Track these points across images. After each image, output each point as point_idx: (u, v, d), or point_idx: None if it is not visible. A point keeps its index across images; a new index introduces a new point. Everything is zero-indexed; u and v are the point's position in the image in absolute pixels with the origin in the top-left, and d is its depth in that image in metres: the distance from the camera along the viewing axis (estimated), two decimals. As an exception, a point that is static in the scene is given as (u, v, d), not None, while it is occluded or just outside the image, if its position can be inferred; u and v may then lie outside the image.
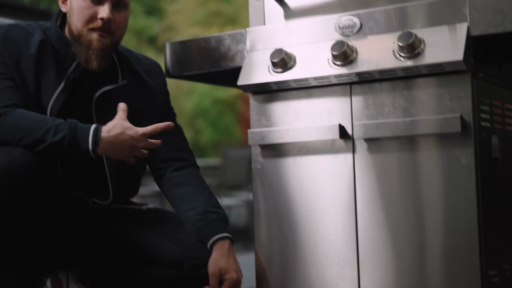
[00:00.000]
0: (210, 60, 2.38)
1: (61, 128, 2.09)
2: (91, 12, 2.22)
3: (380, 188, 2.04)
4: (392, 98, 2.01)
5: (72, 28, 2.25)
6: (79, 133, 2.10)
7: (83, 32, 2.23)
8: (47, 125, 2.09)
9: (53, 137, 2.08)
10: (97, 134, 2.10)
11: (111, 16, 2.22)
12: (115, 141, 2.11)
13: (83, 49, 2.23)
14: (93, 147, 2.09)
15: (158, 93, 2.46)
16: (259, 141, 2.21)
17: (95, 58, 2.24)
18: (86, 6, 2.22)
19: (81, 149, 2.09)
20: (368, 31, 2.06)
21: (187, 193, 2.35)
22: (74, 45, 2.25)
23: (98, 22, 2.22)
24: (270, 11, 2.29)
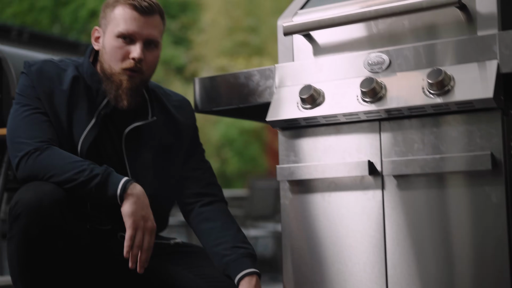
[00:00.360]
0: (239, 96, 2.39)
1: (95, 170, 2.12)
2: (123, 52, 2.26)
3: (409, 225, 2.03)
4: (422, 135, 2.01)
5: (105, 66, 2.29)
6: (112, 177, 2.12)
7: (115, 71, 2.26)
8: (82, 166, 2.12)
9: (85, 177, 2.10)
10: (129, 182, 2.13)
11: (142, 56, 2.25)
12: (139, 199, 2.12)
13: (114, 88, 2.27)
14: (121, 192, 2.11)
15: (187, 129, 2.47)
16: (287, 176, 2.21)
17: (125, 98, 2.27)
18: (119, 45, 2.26)
19: (108, 192, 2.11)
20: (397, 67, 2.06)
21: (215, 228, 2.36)
22: (105, 82, 2.28)
23: (130, 62, 2.25)
24: (299, 47, 2.30)
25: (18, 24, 19.77)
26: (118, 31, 2.25)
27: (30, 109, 2.24)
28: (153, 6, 2.29)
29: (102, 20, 2.34)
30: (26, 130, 2.20)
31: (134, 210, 2.11)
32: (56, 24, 23.70)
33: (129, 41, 2.26)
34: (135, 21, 2.25)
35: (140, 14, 2.26)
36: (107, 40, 2.28)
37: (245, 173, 19.62)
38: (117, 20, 2.26)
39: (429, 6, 2.00)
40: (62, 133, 2.25)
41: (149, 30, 2.27)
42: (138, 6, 2.25)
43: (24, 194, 2.07)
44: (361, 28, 2.20)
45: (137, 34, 2.26)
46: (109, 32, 2.28)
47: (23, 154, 2.15)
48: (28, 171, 2.14)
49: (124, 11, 2.26)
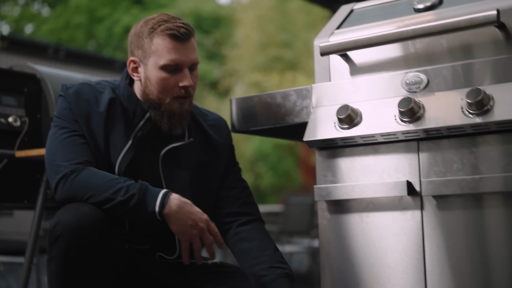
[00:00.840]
0: (276, 116, 2.39)
1: (131, 188, 2.13)
2: (171, 82, 2.28)
3: (449, 245, 2.00)
4: (461, 155, 1.99)
5: (151, 97, 2.30)
6: (149, 194, 2.13)
7: (164, 100, 2.29)
8: (118, 185, 2.13)
9: (123, 196, 2.11)
10: (166, 197, 2.13)
11: (192, 82, 2.28)
12: (180, 210, 2.14)
13: (165, 117, 2.29)
14: (159, 209, 2.12)
15: (224, 149, 2.49)
16: (325, 197, 2.20)
17: (179, 125, 2.31)
18: (166, 76, 2.28)
19: (147, 210, 2.12)
20: (435, 87, 2.05)
21: (252, 248, 2.35)
22: (154, 112, 2.31)
23: (181, 90, 2.28)
24: (336, 67, 2.30)
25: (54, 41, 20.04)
26: (163, 63, 2.26)
27: (67, 132, 2.27)
28: (189, 30, 2.30)
29: (138, 51, 2.33)
30: (64, 153, 2.23)
31: (180, 227, 2.14)
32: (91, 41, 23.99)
33: (175, 70, 2.27)
34: (178, 51, 2.26)
35: (181, 42, 2.27)
36: (151, 72, 2.29)
37: (279, 188, 19.62)
38: (159, 52, 2.27)
39: (467, 26, 1.98)
40: (99, 154, 2.27)
41: (191, 55, 2.29)
42: (179, 35, 2.26)
43: (63, 215, 2.09)
44: (398, 47, 2.19)
45: (183, 62, 2.28)
46: (152, 64, 2.29)
47: (61, 176, 2.18)
48: (66, 194, 2.16)
49: (164, 41, 2.27)
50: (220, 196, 2.46)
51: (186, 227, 2.14)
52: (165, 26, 2.27)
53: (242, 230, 2.40)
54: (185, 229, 2.14)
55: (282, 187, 19.49)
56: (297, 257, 8.83)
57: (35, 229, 3.21)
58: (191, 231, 2.14)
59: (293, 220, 8.25)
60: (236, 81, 21.04)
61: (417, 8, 2.23)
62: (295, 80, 18.51)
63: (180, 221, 2.13)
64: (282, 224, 8.34)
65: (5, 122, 3.23)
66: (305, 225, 8.23)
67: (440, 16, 2.13)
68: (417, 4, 2.24)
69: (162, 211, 2.12)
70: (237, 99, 2.53)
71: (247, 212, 2.45)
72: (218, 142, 2.48)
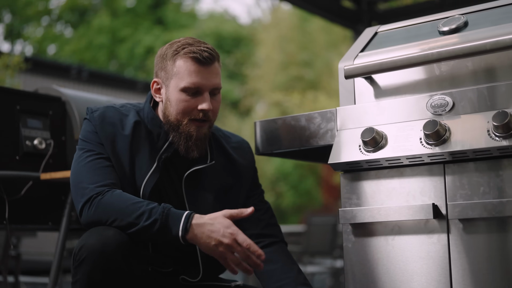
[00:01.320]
0: (300, 138, 2.39)
1: (154, 212, 2.12)
2: (190, 105, 2.29)
3: (475, 269, 1.99)
4: (488, 178, 1.98)
5: (170, 118, 2.32)
6: (171, 218, 2.12)
7: (182, 122, 2.30)
8: (141, 208, 2.13)
9: (145, 221, 2.11)
10: (189, 220, 2.12)
11: (211, 107, 2.28)
12: (202, 233, 2.11)
13: (183, 139, 2.30)
14: (183, 234, 2.11)
15: (247, 171, 2.49)
16: (350, 220, 2.19)
17: (195, 148, 2.31)
18: (185, 99, 2.29)
19: (171, 235, 2.11)
20: (461, 110, 2.04)
21: (276, 270, 2.36)
22: (172, 133, 2.32)
23: (200, 114, 2.29)
24: (360, 90, 2.30)
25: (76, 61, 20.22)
26: (184, 86, 2.28)
27: (92, 155, 2.28)
28: (213, 55, 2.31)
29: (161, 72, 2.35)
30: (88, 175, 2.24)
31: (207, 248, 2.11)
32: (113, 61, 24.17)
33: (195, 93, 2.29)
34: (200, 74, 2.28)
35: (203, 66, 2.28)
36: (172, 94, 2.31)
37: (300, 207, 19.58)
38: (181, 74, 2.28)
39: (493, 48, 1.98)
40: (124, 177, 2.28)
41: (213, 80, 2.30)
42: (201, 59, 2.27)
43: (88, 239, 2.10)
44: (423, 70, 2.19)
45: (204, 86, 2.29)
46: (173, 86, 2.31)
47: (86, 199, 2.19)
48: (91, 217, 2.17)
49: (186, 64, 2.28)
50: (243, 219, 2.45)
51: (211, 248, 2.11)
52: (188, 49, 2.29)
53: (265, 252, 2.39)
54: (212, 250, 2.11)
55: (303, 206, 19.45)
56: (319, 278, 8.79)
57: (59, 251, 3.22)
58: (217, 250, 2.10)
59: (315, 241, 8.22)
60: (257, 100, 21.08)
61: (442, 30, 2.23)
62: (316, 99, 18.51)
63: (204, 244, 2.11)
64: (304, 244, 8.31)
65: (30, 145, 3.26)
66: (327, 245, 8.19)
67: (465, 38, 2.13)
68: (442, 27, 2.24)
69: (186, 236, 2.11)
70: (261, 122, 2.54)
71: (270, 234, 2.46)
72: (241, 164, 2.48)
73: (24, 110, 3.29)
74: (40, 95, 3.44)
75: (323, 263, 8.68)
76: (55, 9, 24.35)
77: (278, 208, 18.40)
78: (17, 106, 3.27)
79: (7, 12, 23.15)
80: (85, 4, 24.34)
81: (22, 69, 6.03)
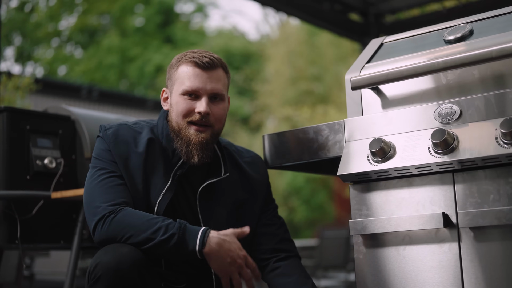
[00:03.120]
0: (309, 151, 2.40)
1: (170, 227, 2.13)
2: (188, 106, 2.31)
3: (488, 277, 1.97)
4: (497, 186, 1.97)
5: (173, 123, 2.34)
6: (188, 233, 2.14)
7: (182, 125, 2.31)
8: (157, 224, 2.14)
9: (162, 235, 2.12)
10: (206, 235, 2.14)
11: (208, 110, 2.30)
12: (220, 248, 2.15)
13: (184, 144, 2.31)
14: (200, 248, 2.12)
15: (261, 186, 2.49)
16: (360, 231, 2.19)
17: (195, 153, 2.31)
18: (184, 102, 2.32)
19: (187, 249, 2.12)
20: (469, 118, 2.03)
21: (290, 283, 2.36)
22: (176, 140, 2.33)
23: (196, 116, 2.30)
24: (368, 100, 2.30)
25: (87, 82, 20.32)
26: (183, 88, 2.32)
27: (105, 173, 2.28)
28: (214, 61, 2.34)
29: (168, 81, 2.41)
30: (101, 194, 2.24)
31: (220, 264, 2.15)
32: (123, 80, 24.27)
33: (195, 97, 2.32)
34: (198, 77, 2.31)
35: (202, 70, 2.32)
36: (174, 98, 2.35)
37: (313, 222, 19.53)
38: (182, 79, 2.33)
39: (499, 56, 1.98)
40: (138, 195, 2.29)
41: (212, 84, 2.32)
42: (200, 62, 2.32)
43: (103, 256, 2.09)
44: (429, 79, 2.19)
45: (201, 89, 2.31)
46: (175, 91, 2.35)
47: (99, 218, 2.19)
48: (104, 235, 2.17)
49: (187, 69, 2.33)
50: (258, 233, 2.47)
51: (225, 265, 2.15)
52: (190, 55, 2.35)
53: (280, 266, 2.41)
54: (224, 267, 2.16)
55: (316, 221, 19.40)
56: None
57: (72, 269, 3.23)
58: (229, 268, 2.16)
59: (328, 254, 8.20)
60: (267, 116, 21.10)
61: (448, 39, 2.23)
62: (326, 113, 18.51)
63: (219, 259, 2.14)
64: (317, 258, 8.29)
65: (41, 164, 3.27)
66: (340, 259, 8.16)
67: (471, 47, 2.13)
68: (448, 36, 2.24)
69: (202, 250, 2.13)
70: (269, 135, 2.54)
71: (285, 249, 2.46)
72: (255, 178, 2.49)
73: (34, 129, 3.31)
74: (50, 114, 3.46)
75: (337, 277, 8.65)
76: (64, 30, 24.50)
77: (291, 223, 18.35)
78: (27, 126, 3.28)
79: (17, 34, 23.31)
80: (94, 24, 24.49)
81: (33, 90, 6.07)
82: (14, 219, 3.14)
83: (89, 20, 24.13)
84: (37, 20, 23.38)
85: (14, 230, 3.13)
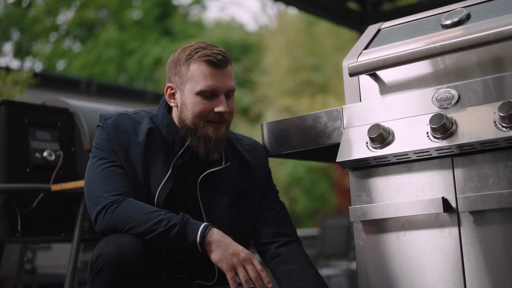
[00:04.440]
0: (307, 138, 2.40)
1: (173, 219, 2.13)
2: (206, 107, 2.29)
3: (488, 261, 1.98)
4: (496, 169, 1.97)
5: (187, 122, 2.32)
6: (190, 225, 2.14)
7: (199, 125, 2.30)
8: (159, 216, 2.14)
9: (164, 227, 2.12)
10: (207, 229, 2.13)
11: (227, 109, 2.29)
12: (221, 240, 2.13)
13: (202, 143, 2.31)
14: (200, 240, 2.11)
15: (261, 172, 2.49)
16: (360, 217, 2.19)
17: (216, 150, 2.32)
18: (201, 102, 2.29)
19: (188, 240, 2.12)
20: (467, 102, 2.03)
21: (293, 271, 2.35)
22: (190, 138, 2.32)
23: (216, 116, 2.29)
24: (366, 87, 2.30)
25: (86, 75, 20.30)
26: (200, 89, 2.28)
27: (106, 163, 2.28)
28: (226, 57, 2.32)
29: (175, 77, 2.35)
30: (103, 184, 2.24)
31: (222, 254, 2.12)
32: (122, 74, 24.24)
33: (211, 96, 2.29)
34: (215, 77, 2.28)
35: (217, 69, 2.29)
36: (188, 98, 2.31)
37: (314, 212, 19.53)
38: (196, 78, 2.29)
39: (496, 39, 1.97)
40: (138, 184, 2.28)
41: (228, 82, 2.31)
42: (215, 61, 2.28)
43: (105, 247, 2.09)
44: (427, 64, 2.19)
45: (219, 88, 2.29)
46: (188, 90, 2.31)
47: (101, 208, 2.19)
48: (106, 225, 2.17)
49: (200, 68, 2.29)
50: (258, 218, 2.47)
51: (227, 255, 2.12)
52: (202, 53, 2.29)
53: (282, 252, 2.41)
54: (226, 257, 2.12)
55: (317, 210, 19.40)
56: (336, 281, 8.75)
57: (73, 261, 3.23)
58: (232, 258, 2.12)
59: (330, 243, 8.20)
60: (267, 106, 21.08)
61: (445, 24, 2.23)
62: (326, 103, 18.49)
63: (220, 250, 2.12)
64: (319, 247, 8.29)
65: (40, 157, 3.27)
66: (342, 247, 8.17)
67: (468, 31, 2.12)
68: (445, 20, 2.23)
69: (203, 241, 2.12)
70: (268, 124, 2.54)
71: (285, 233, 2.45)
72: (255, 165, 2.48)
73: (33, 122, 3.30)
74: (48, 107, 3.45)
75: (338, 266, 8.64)
76: (62, 24, 24.44)
77: (292, 213, 18.28)
78: (26, 119, 3.28)
79: (15, 29, 23.28)
80: (92, 18, 24.43)
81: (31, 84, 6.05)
82: (14, 212, 3.14)
83: (87, 14, 24.08)
84: (35, 15, 23.33)
85: (14, 223, 3.14)
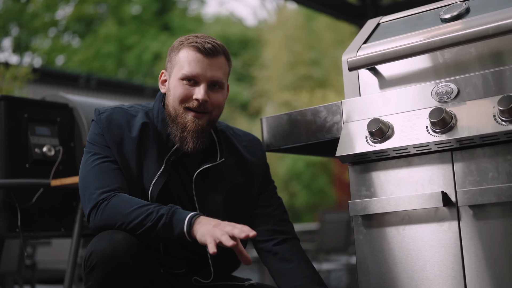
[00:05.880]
0: (307, 133, 2.39)
1: (160, 211, 2.11)
2: (186, 92, 2.28)
3: (488, 255, 1.98)
4: (496, 163, 1.97)
5: (170, 108, 2.31)
6: (177, 216, 2.10)
7: (179, 111, 2.28)
8: (148, 210, 2.12)
9: (152, 221, 2.10)
10: (194, 217, 2.08)
11: (206, 97, 2.27)
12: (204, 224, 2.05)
13: (179, 130, 2.29)
14: (187, 229, 2.07)
15: (258, 168, 2.47)
16: (360, 211, 2.19)
17: (190, 140, 2.28)
18: (183, 87, 2.28)
19: (175, 231, 2.09)
20: (466, 96, 2.03)
21: (291, 269, 2.33)
22: (171, 125, 2.31)
23: (194, 102, 2.27)
24: (365, 81, 2.30)
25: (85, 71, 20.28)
26: (182, 73, 2.28)
27: (99, 158, 2.27)
28: (217, 48, 2.31)
29: (168, 64, 2.37)
30: (95, 180, 2.23)
31: (204, 229, 2.03)
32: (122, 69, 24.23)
33: (193, 83, 2.28)
34: (199, 63, 2.28)
35: (204, 56, 2.28)
36: (172, 82, 2.31)
37: (313, 206, 19.55)
38: (182, 63, 2.29)
39: (495, 33, 1.97)
40: (132, 179, 2.27)
41: (212, 71, 2.29)
42: (202, 48, 2.28)
43: (97, 244, 2.09)
44: (426, 58, 2.18)
45: (201, 76, 2.28)
46: (174, 75, 2.31)
47: (92, 206, 2.19)
48: (98, 223, 2.17)
49: (188, 53, 2.29)
50: (254, 214, 2.45)
51: (209, 228, 2.03)
52: (192, 40, 2.31)
53: (280, 250, 2.38)
54: (209, 231, 2.02)
55: (317, 205, 19.42)
56: (335, 275, 8.77)
57: (73, 256, 3.23)
58: (214, 229, 2.01)
59: (329, 238, 8.20)
60: (266, 101, 21.07)
61: (444, 18, 2.22)
62: (325, 97, 18.49)
63: (203, 226, 2.04)
64: (319, 242, 8.30)
65: (39, 152, 3.26)
66: (342, 242, 8.17)
67: (467, 25, 2.12)
68: (444, 15, 2.23)
69: (191, 230, 2.07)
70: (267, 118, 2.53)
71: (282, 230, 2.43)
72: (252, 162, 2.46)
73: (32, 118, 3.30)
74: (47, 102, 3.45)
75: (338, 260, 8.66)
76: (61, 20, 24.43)
77: (291, 208, 18.37)
78: (25, 114, 3.28)
79: (14, 25, 23.26)
80: (91, 13, 24.42)
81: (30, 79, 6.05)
82: (14, 207, 3.15)
83: (85, 9, 24.06)
84: (34, 10, 23.31)
85: (14, 219, 3.14)
